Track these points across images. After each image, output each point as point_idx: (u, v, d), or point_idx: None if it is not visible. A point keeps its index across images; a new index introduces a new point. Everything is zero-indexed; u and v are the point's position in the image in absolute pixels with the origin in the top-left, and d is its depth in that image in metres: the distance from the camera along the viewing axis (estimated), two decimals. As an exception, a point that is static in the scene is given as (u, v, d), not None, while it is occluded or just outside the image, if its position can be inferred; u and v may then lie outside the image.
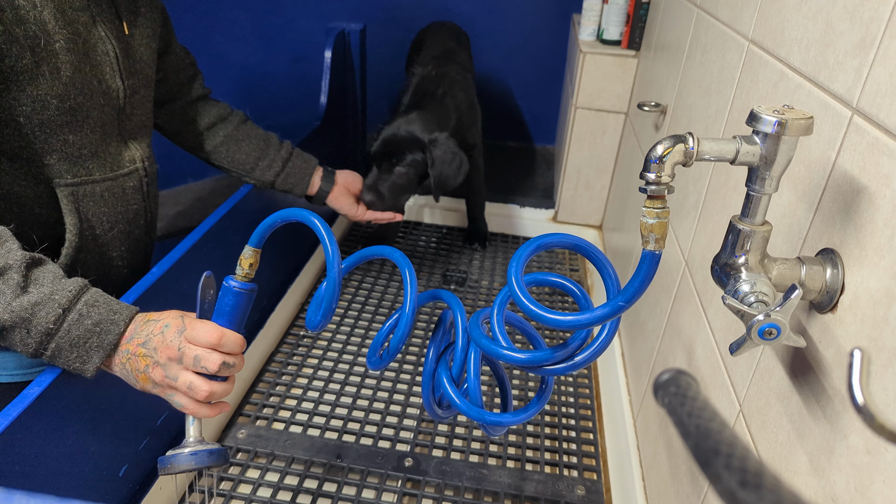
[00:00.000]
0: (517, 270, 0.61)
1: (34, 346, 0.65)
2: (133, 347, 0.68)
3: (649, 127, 1.33)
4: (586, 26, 1.72)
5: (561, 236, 0.64)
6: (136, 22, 0.88)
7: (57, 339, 0.65)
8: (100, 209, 0.84)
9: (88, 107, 0.78)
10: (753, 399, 0.63)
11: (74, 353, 0.66)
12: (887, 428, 0.37)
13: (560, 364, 0.68)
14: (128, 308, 0.70)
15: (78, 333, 0.66)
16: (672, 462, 0.86)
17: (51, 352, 0.66)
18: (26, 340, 0.64)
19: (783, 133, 0.45)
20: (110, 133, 0.84)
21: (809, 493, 0.50)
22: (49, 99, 0.73)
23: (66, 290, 0.66)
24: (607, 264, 0.66)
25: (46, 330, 0.64)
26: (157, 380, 0.68)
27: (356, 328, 1.45)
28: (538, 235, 0.63)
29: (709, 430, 0.35)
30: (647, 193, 0.49)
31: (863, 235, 0.47)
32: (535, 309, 0.60)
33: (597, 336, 0.66)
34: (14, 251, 0.65)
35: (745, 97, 0.76)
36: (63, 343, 0.65)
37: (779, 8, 0.70)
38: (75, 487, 0.76)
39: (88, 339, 0.66)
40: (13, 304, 0.63)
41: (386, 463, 1.09)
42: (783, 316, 0.46)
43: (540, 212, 1.94)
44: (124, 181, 0.86)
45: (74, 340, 0.66)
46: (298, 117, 1.93)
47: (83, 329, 0.66)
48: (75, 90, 0.76)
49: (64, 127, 0.76)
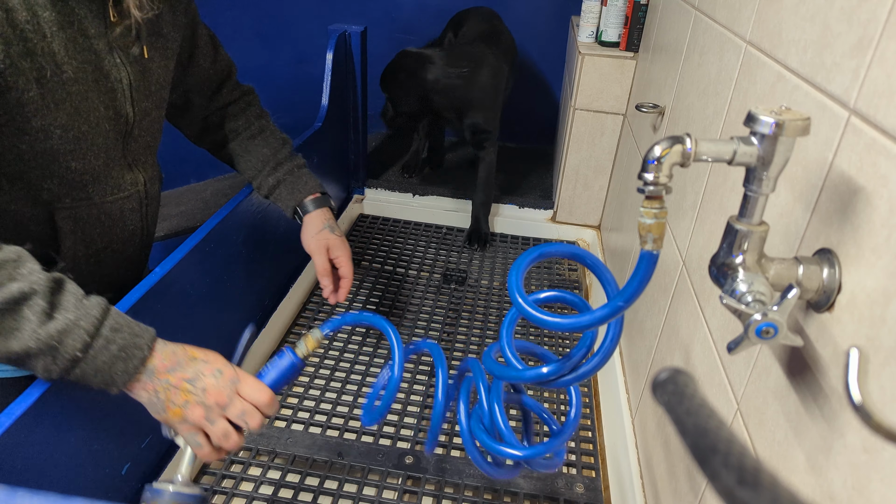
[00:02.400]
0: (517, 280, 0.63)
1: (58, 372, 0.63)
2: (175, 380, 0.68)
3: (647, 128, 1.34)
4: (585, 28, 1.73)
5: (558, 246, 0.67)
6: (157, 44, 0.84)
7: (82, 366, 0.64)
8: (95, 230, 0.82)
9: (94, 134, 0.76)
10: (751, 398, 0.64)
11: (98, 378, 0.65)
12: (884, 426, 0.38)
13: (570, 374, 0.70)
14: (147, 330, 0.69)
15: (104, 360, 0.65)
16: (670, 460, 0.86)
17: (74, 377, 0.64)
18: (50, 367, 0.63)
19: (780, 134, 0.46)
20: (114, 158, 0.81)
21: (807, 492, 0.51)
22: (53, 129, 0.71)
23: (92, 316, 0.65)
24: (605, 271, 0.68)
25: (73, 358, 0.63)
26: (193, 418, 0.68)
27: (357, 327, 1.45)
28: (537, 245, 0.65)
29: (706, 429, 0.35)
30: (645, 194, 0.49)
31: (860, 235, 0.47)
32: (538, 314, 0.61)
33: (603, 340, 0.68)
34: (36, 272, 0.63)
35: (743, 98, 0.77)
36: (88, 369, 0.64)
37: (776, 10, 0.70)
38: (78, 485, 0.76)
39: (113, 364, 0.65)
40: (39, 332, 0.61)
41: (387, 460, 1.10)
42: (780, 315, 0.47)
43: (539, 212, 1.94)
44: (123, 203, 0.85)
45: (100, 366, 0.65)
46: (300, 118, 1.93)
47: (109, 355, 0.65)
48: (80, 119, 0.74)
49: (67, 155, 0.74)
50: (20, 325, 0.60)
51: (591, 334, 0.73)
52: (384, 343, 1.41)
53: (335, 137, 1.75)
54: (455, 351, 1.40)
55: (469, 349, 1.41)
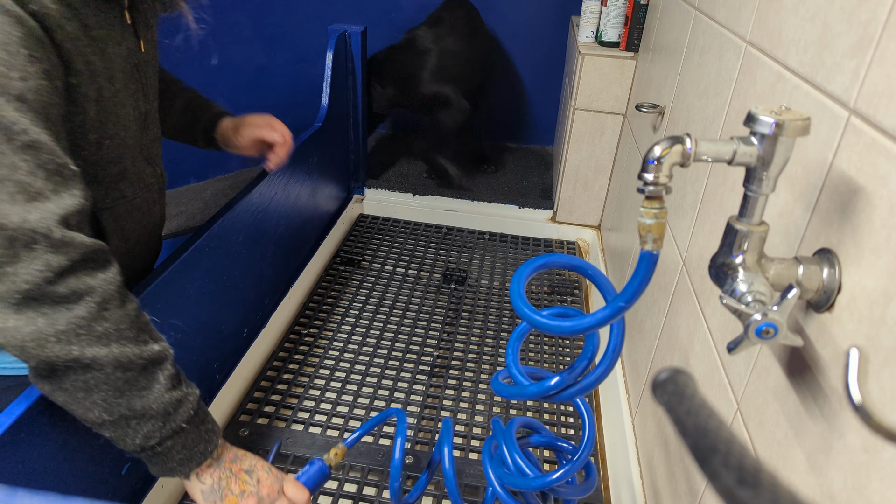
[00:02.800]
0: (519, 288, 0.66)
1: (157, 439, 0.64)
2: (236, 469, 0.72)
3: (647, 128, 1.34)
4: (585, 28, 1.73)
5: (558, 257, 0.71)
6: (148, 36, 0.85)
7: (180, 438, 0.66)
8: (129, 225, 0.84)
9: (127, 136, 0.77)
10: (751, 398, 0.64)
11: (181, 455, 0.67)
12: (884, 426, 0.38)
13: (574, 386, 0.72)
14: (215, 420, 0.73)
15: (193, 438, 0.67)
16: (670, 460, 0.86)
17: (164, 448, 0.65)
18: (153, 433, 0.64)
19: (780, 134, 0.46)
20: (137, 154, 0.83)
21: (807, 492, 0.51)
22: (104, 140, 0.73)
23: (195, 392, 0.68)
24: (606, 282, 0.70)
25: (178, 428, 0.65)
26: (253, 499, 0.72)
27: (357, 327, 1.45)
28: (538, 256, 0.70)
29: (706, 429, 0.35)
30: (645, 194, 0.49)
31: (860, 235, 0.47)
32: (539, 318, 0.62)
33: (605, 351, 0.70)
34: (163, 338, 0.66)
35: (743, 98, 0.77)
36: (178, 444, 0.66)
37: (776, 9, 0.70)
38: (78, 485, 0.76)
39: (197, 444, 0.68)
40: (164, 397, 0.63)
41: (387, 461, 1.10)
42: (780, 315, 0.47)
43: (539, 212, 1.94)
44: (147, 195, 0.86)
45: (188, 443, 0.67)
46: (300, 118, 1.93)
47: (197, 435, 0.68)
48: (120, 125, 0.75)
49: (110, 162, 0.76)
50: (151, 387, 0.62)
51: (592, 345, 0.74)
52: (384, 343, 1.41)
53: (335, 137, 1.75)
54: (455, 351, 1.40)
55: (469, 349, 1.41)
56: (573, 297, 1.63)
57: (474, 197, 1.96)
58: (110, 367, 0.59)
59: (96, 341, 0.58)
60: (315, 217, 1.65)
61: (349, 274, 1.67)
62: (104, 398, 0.60)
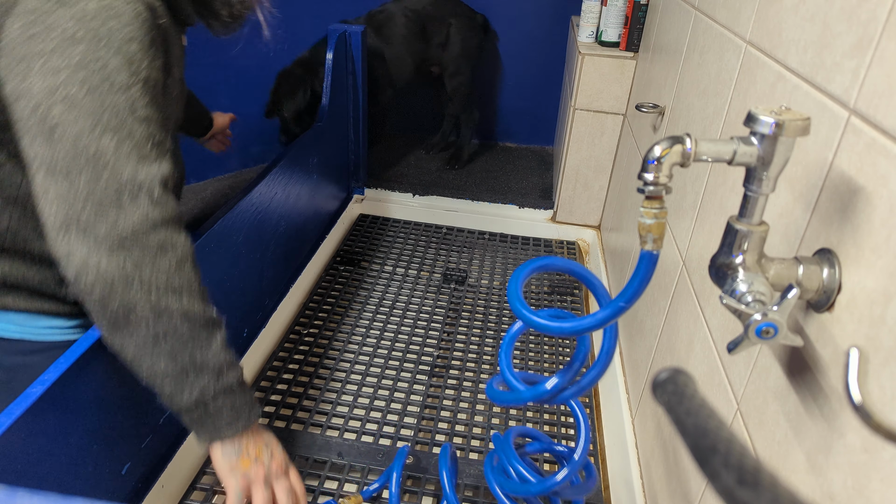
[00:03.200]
0: (517, 290, 0.66)
1: (212, 393, 0.70)
2: (257, 439, 0.78)
3: (647, 128, 1.34)
4: (585, 28, 1.73)
5: (554, 260, 0.72)
6: None
7: (227, 399, 0.71)
8: None
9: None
10: (751, 398, 0.64)
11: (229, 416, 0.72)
12: (884, 426, 0.38)
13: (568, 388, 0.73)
14: None
15: (241, 400, 0.73)
16: (670, 460, 0.86)
17: (215, 407, 0.71)
18: (207, 387, 0.69)
19: (780, 134, 0.46)
20: None
21: (807, 492, 0.51)
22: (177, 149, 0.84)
23: (240, 365, 0.75)
24: (601, 287, 0.72)
25: (228, 387, 0.71)
26: (253, 474, 0.76)
27: (357, 327, 1.45)
28: (533, 258, 0.71)
29: (706, 429, 0.35)
30: (645, 194, 0.49)
31: (860, 235, 0.47)
32: (538, 319, 0.62)
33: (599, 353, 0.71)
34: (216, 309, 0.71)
35: (743, 98, 0.77)
36: (227, 403, 0.72)
37: (776, 10, 0.70)
38: (78, 485, 0.76)
39: (243, 408, 0.74)
40: (220, 355, 0.70)
41: (387, 461, 1.10)
42: (780, 315, 0.47)
43: (539, 212, 1.94)
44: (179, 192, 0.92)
45: (236, 404, 0.73)
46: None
47: (247, 397, 0.74)
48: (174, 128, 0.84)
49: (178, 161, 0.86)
50: (210, 343, 0.69)
51: (584, 347, 0.75)
52: (384, 342, 1.41)
53: (335, 137, 1.75)
54: (455, 351, 1.40)
55: (469, 349, 1.41)
56: (573, 298, 1.63)
57: (474, 197, 1.97)
58: (179, 318, 0.66)
59: (172, 293, 0.65)
60: (315, 217, 1.65)
61: (349, 274, 1.67)
62: (171, 348, 0.66)
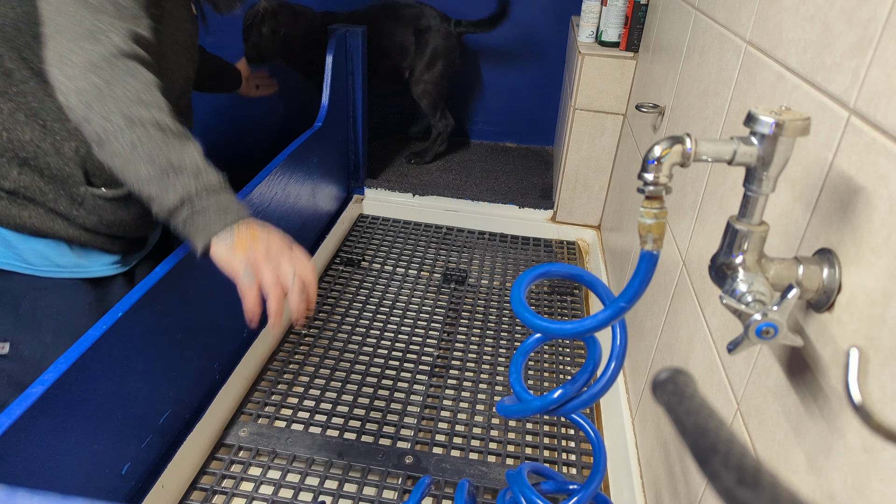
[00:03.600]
0: (520, 294, 0.67)
1: (194, 190, 0.74)
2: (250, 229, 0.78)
3: (647, 128, 1.34)
4: (585, 28, 1.73)
5: (557, 266, 0.73)
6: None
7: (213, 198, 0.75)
8: None
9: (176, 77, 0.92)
10: (751, 398, 0.64)
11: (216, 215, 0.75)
12: (884, 426, 0.38)
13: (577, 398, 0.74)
14: None
15: (226, 199, 0.77)
16: (670, 460, 0.86)
17: (201, 207, 0.74)
18: (188, 185, 0.73)
19: (780, 134, 0.46)
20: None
21: (807, 492, 0.51)
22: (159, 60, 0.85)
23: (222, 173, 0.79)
24: (606, 290, 0.71)
25: (210, 187, 0.75)
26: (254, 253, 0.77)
27: (357, 327, 1.45)
28: (537, 265, 0.72)
29: (706, 429, 0.35)
30: (645, 194, 0.49)
31: (860, 235, 0.47)
32: (540, 322, 0.63)
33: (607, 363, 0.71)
34: None
35: (743, 98, 0.77)
36: (212, 203, 0.75)
37: (776, 10, 0.70)
38: (78, 485, 0.76)
39: (230, 205, 0.77)
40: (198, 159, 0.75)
41: (387, 460, 1.10)
42: (780, 315, 0.47)
43: (539, 212, 1.94)
44: None
45: (222, 203, 0.76)
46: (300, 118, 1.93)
47: (232, 199, 0.78)
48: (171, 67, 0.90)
49: None
50: (185, 148, 0.75)
51: (595, 355, 0.75)
52: (384, 343, 1.41)
53: (335, 137, 1.75)
54: (455, 351, 1.41)
55: (469, 349, 1.41)
56: (573, 298, 1.63)
57: (474, 197, 1.97)
58: (151, 126, 0.73)
59: (142, 104, 0.73)
60: (315, 217, 1.65)
61: (349, 274, 1.67)
62: (148, 153, 0.73)
